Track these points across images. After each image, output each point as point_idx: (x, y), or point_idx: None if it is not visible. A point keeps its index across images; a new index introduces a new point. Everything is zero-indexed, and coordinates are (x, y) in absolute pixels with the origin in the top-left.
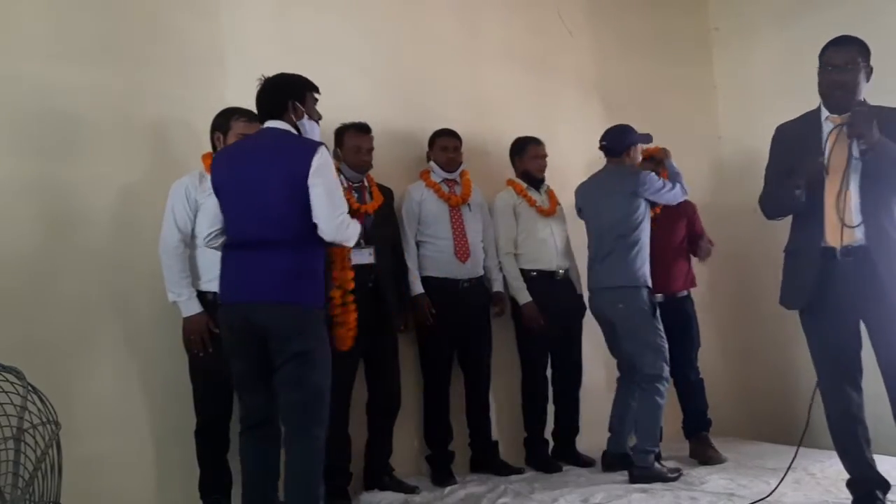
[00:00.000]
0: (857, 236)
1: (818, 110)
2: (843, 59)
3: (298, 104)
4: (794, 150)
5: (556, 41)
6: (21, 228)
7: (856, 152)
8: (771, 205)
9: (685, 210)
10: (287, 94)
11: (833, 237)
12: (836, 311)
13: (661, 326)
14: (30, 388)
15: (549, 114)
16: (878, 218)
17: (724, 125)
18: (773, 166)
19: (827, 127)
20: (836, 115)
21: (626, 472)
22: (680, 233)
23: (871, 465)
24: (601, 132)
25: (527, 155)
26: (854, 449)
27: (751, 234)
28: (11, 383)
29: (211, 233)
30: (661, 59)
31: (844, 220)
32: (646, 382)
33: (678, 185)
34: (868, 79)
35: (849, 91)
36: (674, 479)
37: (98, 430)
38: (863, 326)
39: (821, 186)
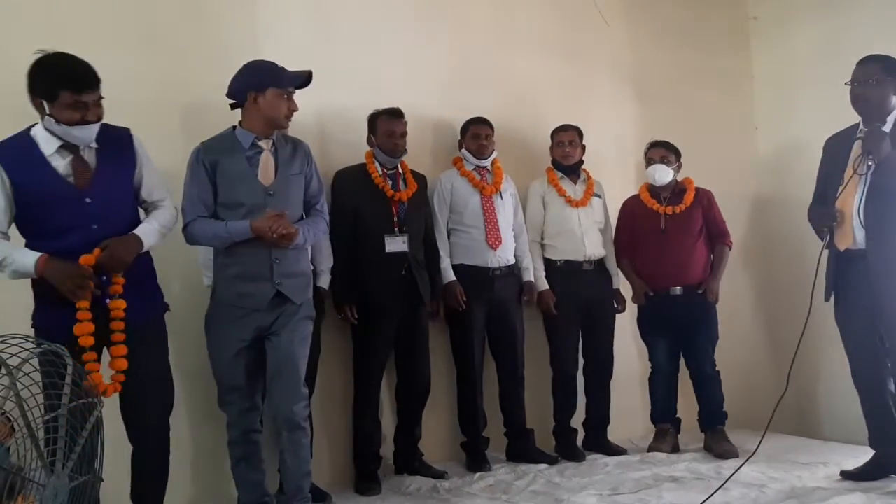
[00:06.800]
0: (860, 242)
1: (858, 123)
2: (865, 76)
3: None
4: (830, 162)
5: (592, 30)
6: None
7: (862, 169)
8: (811, 223)
9: (700, 199)
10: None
11: (841, 242)
12: (853, 305)
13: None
14: (74, 365)
15: (583, 103)
16: (881, 226)
17: (761, 116)
18: (819, 178)
19: (857, 142)
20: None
21: (658, 464)
22: (697, 222)
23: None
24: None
25: (553, 142)
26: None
27: (786, 225)
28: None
29: None
30: (697, 49)
31: (844, 228)
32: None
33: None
34: None
35: (871, 104)
36: None
37: None
38: None
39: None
